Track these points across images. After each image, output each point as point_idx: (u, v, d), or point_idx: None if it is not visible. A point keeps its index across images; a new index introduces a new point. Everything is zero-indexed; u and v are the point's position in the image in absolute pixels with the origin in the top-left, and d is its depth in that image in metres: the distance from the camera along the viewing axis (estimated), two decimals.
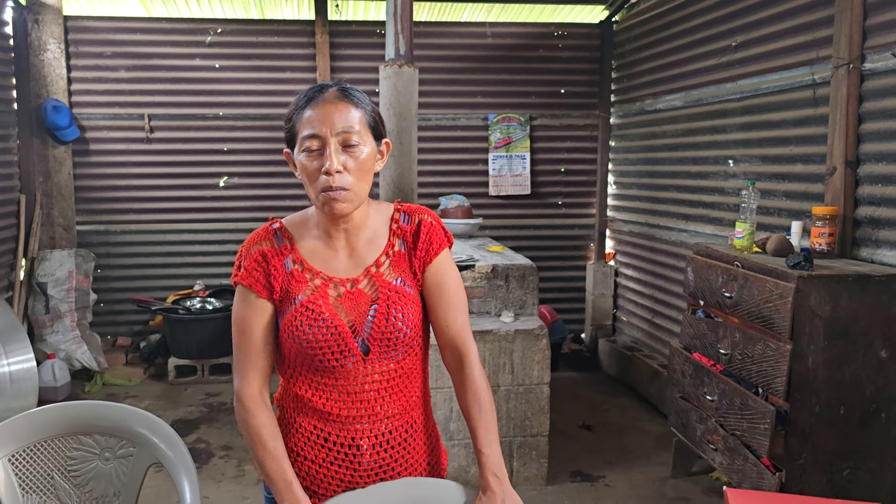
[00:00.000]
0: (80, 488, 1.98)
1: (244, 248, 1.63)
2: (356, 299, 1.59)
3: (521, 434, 3.80)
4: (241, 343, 1.62)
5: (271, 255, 1.60)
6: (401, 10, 3.86)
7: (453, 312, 1.67)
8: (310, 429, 1.62)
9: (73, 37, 5.76)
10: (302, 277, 1.59)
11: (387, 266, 1.63)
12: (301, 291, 1.58)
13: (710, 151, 4.63)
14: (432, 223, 1.68)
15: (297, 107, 1.56)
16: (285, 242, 1.62)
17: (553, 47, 6.25)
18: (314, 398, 1.60)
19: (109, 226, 5.97)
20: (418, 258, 1.65)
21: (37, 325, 5.43)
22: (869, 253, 3.26)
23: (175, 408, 4.99)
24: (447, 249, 1.69)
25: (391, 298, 1.59)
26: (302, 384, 1.61)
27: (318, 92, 1.55)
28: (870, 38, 3.25)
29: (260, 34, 5.96)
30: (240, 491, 3.80)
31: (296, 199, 5.97)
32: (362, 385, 1.59)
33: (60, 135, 5.63)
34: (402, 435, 1.65)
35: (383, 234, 1.66)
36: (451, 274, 1.68)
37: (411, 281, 1.65)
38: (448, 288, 1.67)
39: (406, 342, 1.60)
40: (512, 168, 6.25)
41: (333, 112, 1.52)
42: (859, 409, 2.90)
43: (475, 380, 1.65)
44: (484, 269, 3.99)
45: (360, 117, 1.55)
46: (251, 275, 1.59)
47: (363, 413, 1.60)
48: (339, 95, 1.55)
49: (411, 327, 1.60)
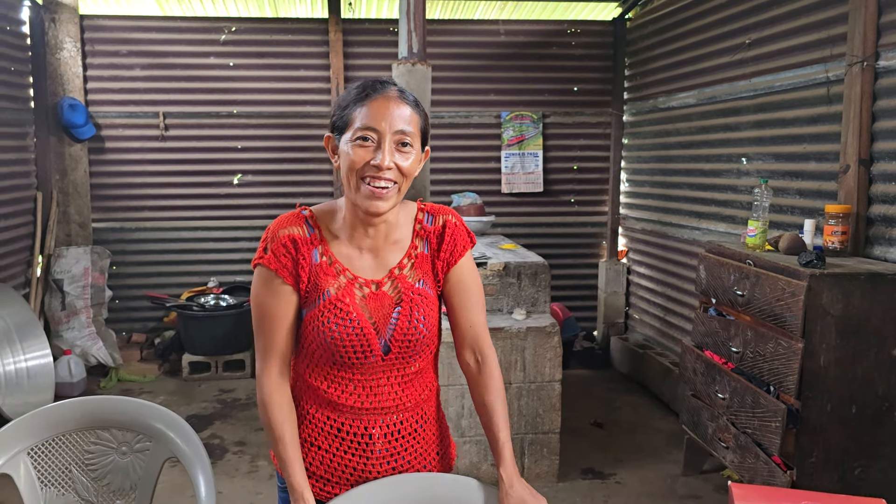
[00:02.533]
0: (97, 482, 2.01)
1: (271, 232, 1.60)
2: (380, 300, 1.61)
3: (533, 431, 3.82)
4: (263, 328, 1.61)
5: (301, 242, 1.58)
6: (414, 8, 3.88)
7: (475, 312, 1.72)
8: (322, 419, 1.64)
9: (88, 35, 5.81)
10: (330, 271, 1.59)
11: (409, 268, 1.65)
12: (330, 285, 1.58)
13: (723, 149, 4.62)
14: (457, 224, 1.70)
15: (356, 97, 1.55)
16: (315, 232, 1.61)
17: (566, 45, 6.24)
18: (329, 390, 1.62)
19: (125, 223, 6.02)
20: (442, 260, 1.67)
21: (53, 322, 5.49)
22: (882, 251, 3.24)
23: (189, 403, 5.04)
24: (470, 250, 1.72)
25: (414, 301, 1.61)
26: (318, 376, 1.63)
27: (379, 86, 1.55)
28: (884, 35, 3.24)
29: (274, 32, 5.99)
30: (253, 486, 3.83)
31: (310, 196, 6.00)
32: (378, 381, 1.62)
33: (76, 133, 5.68)
34: (413, 426, 1.68)
35: (406, 234, 1.67)
36: (473, 274, 1.72)
37: (431, 282, 1.67)
38: (470, 288, 1.71)
39: (425, 343, 1.63)
40: (524, 166, 6.25)
41: (395, 109, 1.52)
42: (871, 407, 2.89)
43: (497, 378, 1.72)
44: (496, 267, 4.00)
45: (416, 120, 1.56)
46: (279, 259, 1.57)
47: (377, 406, 1.63)
48: (399, 95, 1.55)
49: (430, 328, 1.63)
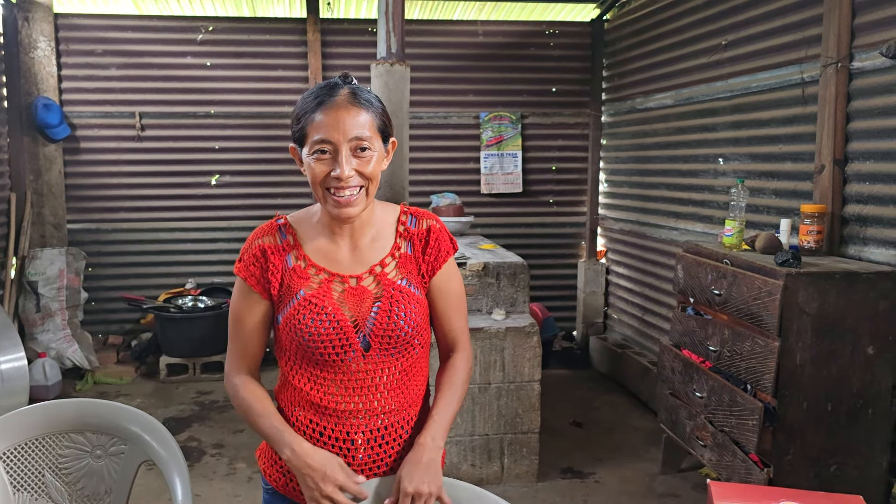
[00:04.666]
0: (71, 486, 1.98)
1: (248, 242, 1.66)
2: (360, 296, 1.62)
3: (512, 431, 3.82)
4: (233, 332, 1.68)
5: (271, 250, 1.62)
6: (392, 9, 3.87)
7: (456, 316, 1.76)
8: (306, 422, 1.63)
9: (63, 34, 5.75)
10: (305, 273, 1.62)
11: (392, 266, 1.66)
12: (303, 286, 1.60)
13: (700, 150, 4.65)
14: (441, 229, 1.72)
15: (307, 108, 1.55)
16: (288, 238, 1.64)
17: (545, 46, 6.26)
18: (312, 391, 1.61)
19: (101, 224, 5.96)
20: (426, 263, 1.69)
21: (28, 324, 5.41)
22: (857, 250, 3.28)
23: (166, 406, 4.99)
24: (452, 256, 1.74)
25: (395, 297, 1.62)
26: (301, 377, 1.63)
27: (328, 93, 1.54)
28: (858, 36, 3.28)
29: (252, 32, 5.95)
30: (231, 489, 3.80)
31: (288, 196, 5.95)
32: (361, 381, 1.61)
33: (51, 133, 5.61)
34: (398, 430, 1.67)
35: (389, 234, 1.69)
36: (456, 279, 1.75)
37: (417, 282, 1.67)
38: (453, 293, 1.74)
39: (407, 340, 1.62)
40: (503, 166, 6.27)
41: (346, 118, 1.52)
42: (846, 405, 2.92)
43: (456, 364, 1.75)
44: (475, 267, 4.00)
45: (371, 121, 1.56)
46: (248, 269, 1.63)
47: (360, 408, 1.62)
48: (350, 100, 1.54)
49: (413, 326, 1.63)
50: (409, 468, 1.58)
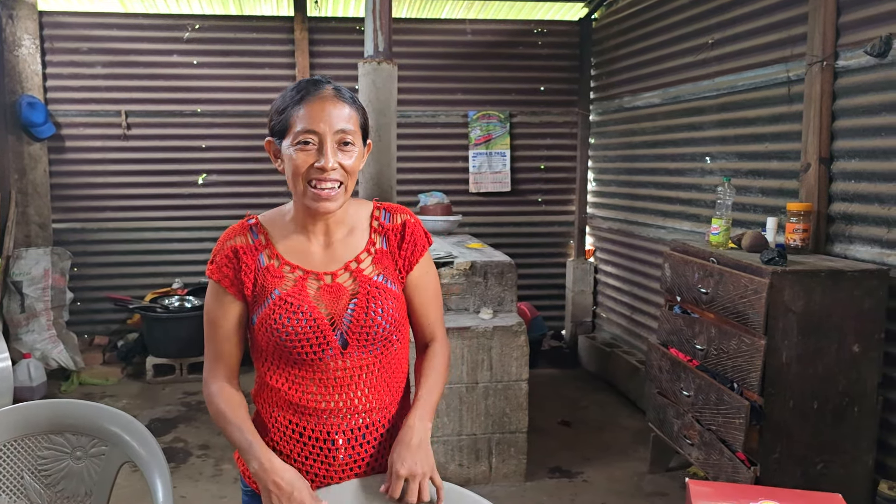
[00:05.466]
0: (50, 488, 1.96)
1: (218, 244, 1.64)
2: (335, 293, 1.61)
3: (500, 431, 3.81)
4: (209, 336, 1.66)
5: (243, 250, 1.61)
6: (380, 7, 3.85)
7: (432, 309, 1.76)
8: (285, 423, 1.62)
9: (48, 32, 5.70)
10: (278, 272, 1.60)
11: (368, 262, 1.65)
12: (278, 286, 1.59)
13: (687, 148, 4.66)
14: (416, 224, 1.72)
15: (292, 100, 1.55)
16: (260, 238, 1.63)
17: (533, 45, 6.26)
18: (290, 391, 1.60)
19: (86, 223, 5.91)
20: (403, 258, 1.68)
21: (12, 325, 5.36)
22: (842, 248, 3.29)
23: (153, 407, 4.95)
24: (428, 249, 1.74)
25: (371, 293, 1.60)
26: (279, 377, 1.61)
27: (313, 87, 1.55)
28: (843, 35, 3.28)
29: (238, 30, 5.92)
30: (217, 490, 3.77)
31: (275, 195, 5.93)
32: (340, 378, 1.59)
33: (36, 132, 5.57)
34: (379, 430, 1.65)
35: (363, 230, 1.68)
36: (431, 273, 1.76)
37: (394, 278, 1.67)
38: (428, 286, 1.75)
39: (384, 336, 1.61)
40: (492, 165, 6.26)
41: (332, 110, 1.53)
42: (832, 403, 2.93)
43: (436, 351, 1.75)
44: (462, 266, 3.99)
45: (355, 117, 1.57)
46: (221, 270, 1.61)
47: (340, 406, 1.60)
48: (335, 94, 1.56)
49: (391, 322, 1.62)
50: (401, 450, 1.57)
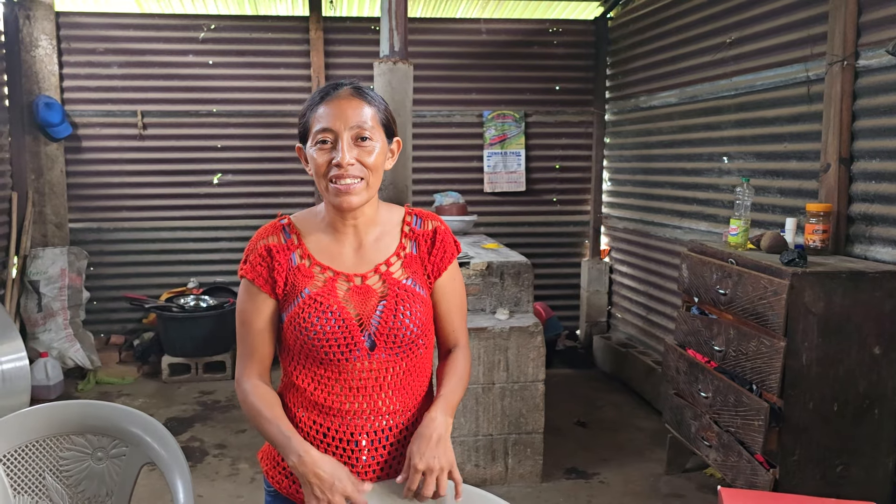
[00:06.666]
0: (72, 488, 1.97)
1: (252, 243, 1.66)
2: (365, 294, 1.62)
3: (516, 431, 3.80)
4: (242, 334, 1.67)
5: (276, 249, 1.63)
6: (395, 7, 3.85)
7: (457, 315, 1.78)
8: (309, 423, 1.62)
9: (64, 33, 5.73)
10: (309, 272, 1.62)
11: (398, 266, 1.66)
12: (308, 285, 1.60)
13: (704, 148, 4.63)
14: (446, 231, 1.74)
15: (312, 103, 1.60)
16: (293, 238, 1.65)
17: (548, 44, 6.24)
18: (316, 392, 1.60)
19: (102, 223, 5.94)
20: (432, 263, 1.70)
21: (29, 324, 5.40)
22: (863, 250, 3.26)
23: (169, 406, 4.98)
24: (456, 257, 1.76)
25: (400, 296, 1.62)
26: (304, 377, 1.62)
27: (332, 89, 1.59)
28: (864, 34, 3.25)
29: (254, 30, 5.93)
30: (234, 489, 3.79)
31: (291, 195, 5.92)
32: (366, 380, 1.60)
33: (52, 132, 5.60)
34: (403, 432, 1.66)
35: (394, 234, 1.70)
36: (458, 280, 1.78)
37: (422, 283, 1.68)
38: (454, 293, 1.76)
39: (412, 339, 1.62)
40: (507, 165, 6.24)
41: (347, 108, 1.56)
42: (852, 405, 2.90)
43: (458, 357, 1.76)
44: (479, 267, 3.98)
45: (373, 114, 1.59)
46: (255, 269, 1.63)
47: (364, 408, 1.60)
48: (353, 93, 1.59)
49: (419, 325, 1.63)
50: (419, 444, 1.57)
